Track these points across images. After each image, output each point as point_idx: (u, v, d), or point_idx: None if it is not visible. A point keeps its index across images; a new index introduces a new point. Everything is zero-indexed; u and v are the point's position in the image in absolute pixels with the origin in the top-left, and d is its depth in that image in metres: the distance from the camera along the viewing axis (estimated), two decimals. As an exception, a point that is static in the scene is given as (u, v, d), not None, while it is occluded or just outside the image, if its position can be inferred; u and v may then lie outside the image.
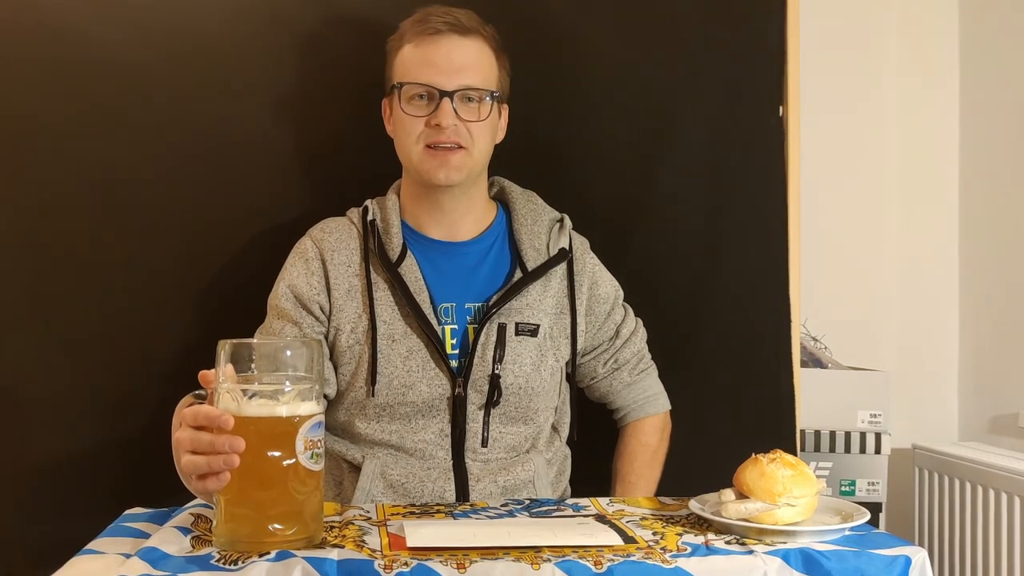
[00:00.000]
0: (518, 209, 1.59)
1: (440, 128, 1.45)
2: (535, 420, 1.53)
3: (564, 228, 1.59)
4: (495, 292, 1.51)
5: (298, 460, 1.05)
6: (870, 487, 2.15)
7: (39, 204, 1.67)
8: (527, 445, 1.53)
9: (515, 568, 1.00)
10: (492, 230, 1.57)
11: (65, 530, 1.23)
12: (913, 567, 1.06)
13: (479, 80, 1.47)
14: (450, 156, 1.46)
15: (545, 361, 1.52)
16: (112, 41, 1.67)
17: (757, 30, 1.82)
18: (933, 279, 2.51)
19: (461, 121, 1.46)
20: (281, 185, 1.71)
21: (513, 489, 1.49)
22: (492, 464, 1.49)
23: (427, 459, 1.48)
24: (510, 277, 1.54)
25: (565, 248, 1.56)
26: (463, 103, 1.46)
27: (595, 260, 1.63)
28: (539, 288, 1.53)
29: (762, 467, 1.15)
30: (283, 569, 0.99)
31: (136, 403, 1.64)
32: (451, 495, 1.46)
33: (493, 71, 1.51)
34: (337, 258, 1.51)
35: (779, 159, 1.81)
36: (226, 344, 1.07)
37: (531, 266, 1.53)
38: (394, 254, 1.50)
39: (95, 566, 1.01)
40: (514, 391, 1.49)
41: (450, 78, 1.45)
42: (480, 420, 1.48)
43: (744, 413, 1.78)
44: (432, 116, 1.45)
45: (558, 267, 1.55)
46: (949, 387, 2.52)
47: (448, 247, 1.54)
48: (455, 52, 1.46)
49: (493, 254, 1.56)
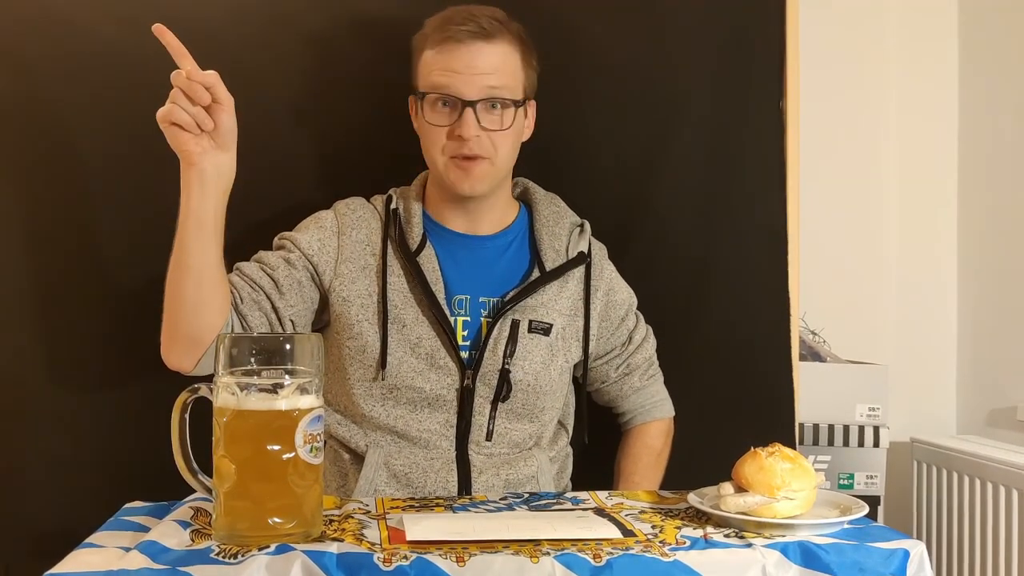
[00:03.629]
0: (540, 211, 1.59)
1: (462, 140, 1.43)
2: (540, 418, 1.53)
3: (584, 233, 1.60)
4: (512, 288, 1.52)
5: (297, 454, 1.05)
6: (868, 480, 2.16)
7: (39, 203, 1.66)
8: (531, 442, 1.54)
9: (514, 561, 1.00)
10: (513, 228, 1.58)
11: (64, 524, 1.23)
12: (911, 560, 1.06)
13: (503, 86, 1.45)
14: (473, 167, 1.45)
15: (555, 360, 1.52)
16: (117, 39, 1.66)
17: (757, 27, 1.82)
18: (931, 273, 2.51)
19: (484, 131, 1.44)
20: (287, 184, 1.71)
21: (516, 484, 1.49)
22: (495, 458, 1.50)
23: (431, 449, 1.48)
24: (528, 275, 1.54)
25: (584, 252, 1.57)
26: (486, 111, 1.44)
27: (612, 268, 1.63)
28: (555, 288, 1.53)
29: (761, 460, 1.15)
30: (283, 562, 0.99)
31: (135, 397, 1.64)
32: (453, 486, 1.46)
33: (518, 74, 1.48)
34: (355, 235, 1.51)
35: (779, 154, 1.81)
36: (226, 337, 1.07)
37: (550, 266, 1.54)
38: (414, 243, 1.51)
39: (95, 559, 1.01)
40: (523, 388, 1.49)
41: (473, 86, 1.43)
42: (487, 413, 1.49)
43: (743, 407, 1.78)
44: (455, 126, 1.44)
45: (575, 270, 1.56)
46: (947, 380, 2.52)
47: (468, 240, 1.55)
48: (477, 59, 1.43)
49: (512, 251, 1.56)
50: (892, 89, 2.49)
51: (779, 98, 1.81)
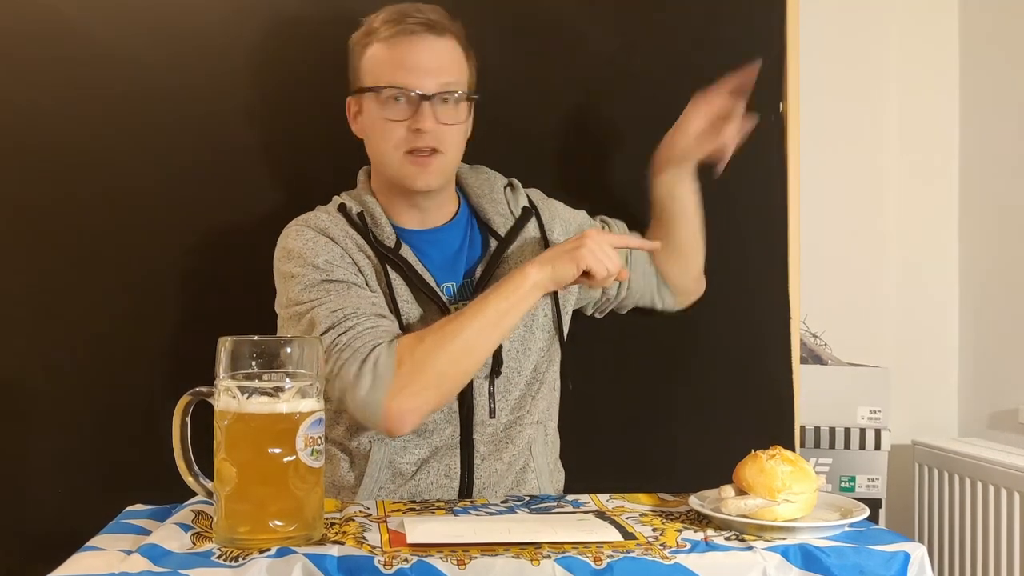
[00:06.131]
0: (471, 183, 1.59)
1: (420, 132, 1.43)
2: (535, 379, 1.53)
3: (516, 188, 1.60)
4: (478, 265, 1.52)
5: (298, 457, 1.05)
6: (870, 483, 2.16)
7: (39, 204, 1.67)
8: (528, 404, 1.53)
9: (515, 564, 1.00)
10: (460, 214, 1.58)
11: (65, 527, 1.23)
12: (912, 563, 1.06)
13: (455, 81, 1.46)
14: (430, 162, 1.46)
15: (536, 318, 1.53)
16: (114, 40, 1.67)
17: (757, 29, 1.82)
18: (933, 275, 2.51)
19: (439, 124, 1.44)
20: (287, 185, 1.71)
21: (514, 460, 1.50)
22: (499, 437, 1.50)
23: (435, 436, 1.48)
24: (486, 248, 1.55)
25: (527, 206, 1.57)
26: (440, 105, 1.45)
27: (556, 203, 1.63)
28: (516, 250, 1.54)
29: (762, 463, 1.15)
30: (284, 565, 0.99)
31: (136, 400, 1.65)
32: (456, 472, 1.47)
33: (465, 70, 1.49)
34: (350, 244, 1.47)
35: (779, 156, 1.81)
36: (227, 341, 1.07)
37: (503, 232, 1.54)
38: (391, 242, 1.50)
39: (96, 563, 1.01)
40: (512, 355, 1.50)
41: (428, 80, 1.43)
42: (486, 392, 1.49)
43: (744, 409, 1.78)
44: (412, 120, 1.43)
45: (528, 224, 1.56)
46: (949, 383, 2.52)
47: (428, 235, 1.54)
48: (430, 53, 1.44)
49: (468, 234, 1.57)
50: (893, 90, 2.49)
51: (779, 100, 1.81)
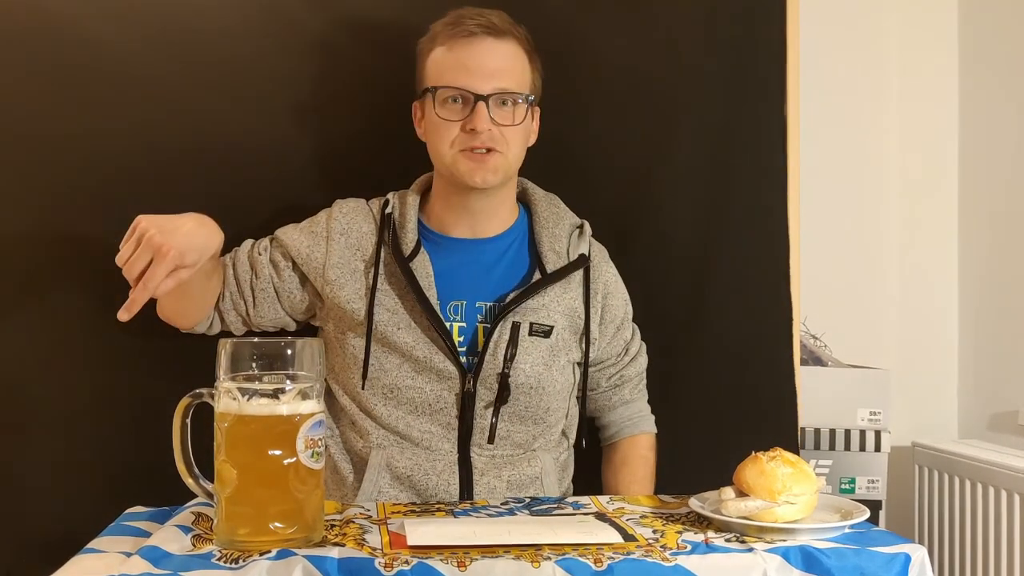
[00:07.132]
0: (540, 212, 1.59)
1: (475, 132, 1.45)
2: (546, 419, 1.53)
3: (584, 234, 1.60)
4: (511, 291, 1.52)
5: (299, 459, 1.05)
6: (870, 485, 2.15)
7: (39, 203, 1.67)
8: (535, 444, 1.54)
9: (515, 566, 1.00)
10: (513, 229, 1.58)
11: (66, 529, 1.23)
12: (913, 565, 1.06)
13: (514, 83, 1.47)
14: (486, 159, 1.46)
15: (557, 361, 1.52)
16: (118, 43, 1.67)
17: (758, 28, 1.82)
18: (933, 277, 2.51)
19: (496, 125, 1.45)
20: (289, 188, 1.71)
21: (519, 485, 1.49)
22: (498, 459, 1.50)
23: (433, 451, 1.48)
24: (528, 277, 1.54)
25: (584, 254, 1.57)
26: (498, 107, 1.46)
27: (613, 271, 1.63)
28: (557, 291, 1.53)
29: (762, 465, 1.15)
30: (284, 567, 0.99)
31: (136, 402, 1.64)
32: (455, 487, 1.46)
33: (527, 74, 1.51)
34: (345, 240, 1.52)
35: (779, 157, 1.81)
36: (227, 343, 1.07)
37: (551, 268, 1.54)
38: (408, 248, 1.51)
39: (96, 565, 1.01)
40: (525, 390, 1.49)
41: (485, 81, 1.45)
42: (488, 417, 1.48)
43: (744, 411, 1.78)
44: (467, 120, 1.45)
45: (576, 273, 1.56)
46: (949, 384, 2.51)
47: (467, 244, 1.55)
48: (489, 55, 1.46)
49: (511, 253, 1.57)
50: (893, 91, 2.49)
51: (780, 100, 1.81)
